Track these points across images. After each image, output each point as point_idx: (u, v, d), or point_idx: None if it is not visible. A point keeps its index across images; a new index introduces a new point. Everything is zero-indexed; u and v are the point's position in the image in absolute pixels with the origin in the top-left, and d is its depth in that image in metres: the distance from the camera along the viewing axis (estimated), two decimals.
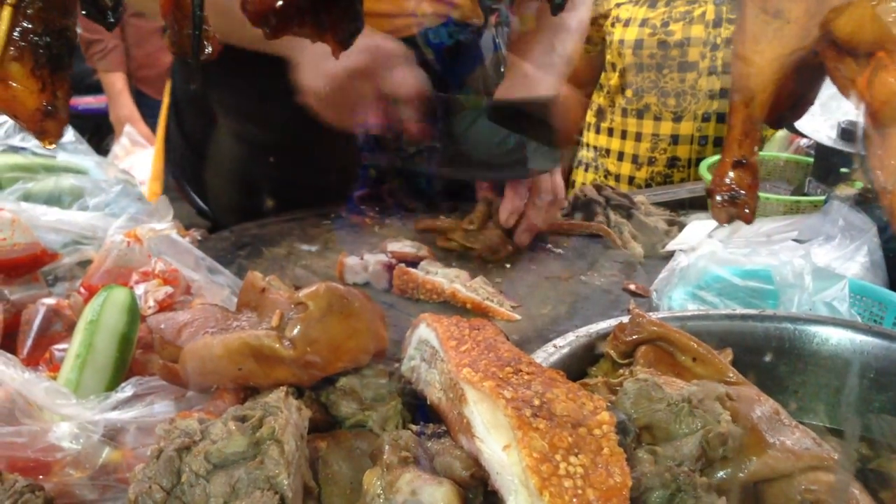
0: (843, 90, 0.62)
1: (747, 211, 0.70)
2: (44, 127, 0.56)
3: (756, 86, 0.63)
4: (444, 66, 1.68)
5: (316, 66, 1.40)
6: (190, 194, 1.93)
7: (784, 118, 0.74)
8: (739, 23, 0.63)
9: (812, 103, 0.74)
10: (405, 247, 1.35)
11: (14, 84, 0.54)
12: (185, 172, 1.91)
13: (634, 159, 2.53)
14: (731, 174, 0.68)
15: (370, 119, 1.45)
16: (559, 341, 1.00)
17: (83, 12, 0.54)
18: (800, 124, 1.63)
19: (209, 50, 0.60)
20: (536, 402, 0.72)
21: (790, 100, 0.71)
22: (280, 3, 0.53)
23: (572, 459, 0.67)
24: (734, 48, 0.65)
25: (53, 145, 0.58)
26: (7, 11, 0.51)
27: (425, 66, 1.62)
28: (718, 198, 0.69)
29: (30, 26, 0.53)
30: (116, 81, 4.36)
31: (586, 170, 2.69)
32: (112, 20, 0.54)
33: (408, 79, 1.44)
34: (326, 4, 0.55)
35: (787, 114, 0.73)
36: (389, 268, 1.32)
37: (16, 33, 0.52)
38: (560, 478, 0.65)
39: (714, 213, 0.71)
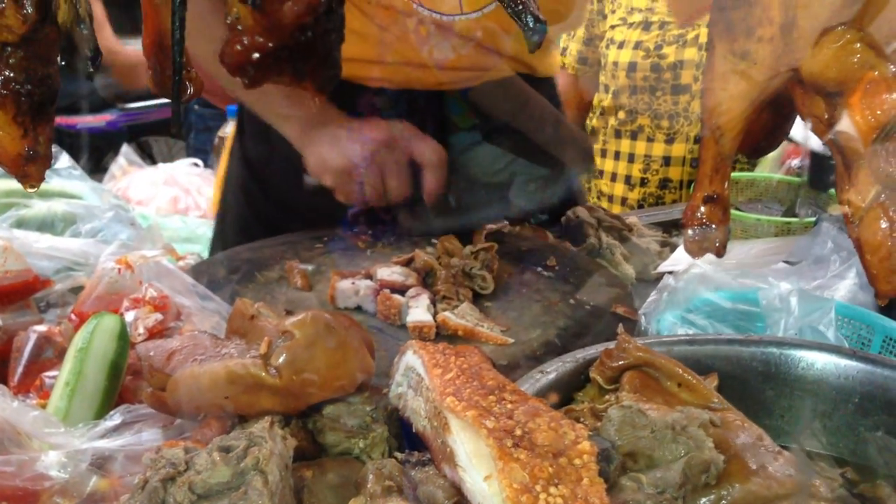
0: (813, 127, 0.63)
1: (718, 244, 0.71)
2: (26, 171, 0.57)
3: (725, 124, 0.64)
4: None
5: (325, 155, 1.52)
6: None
7: (760, 149, 0.75)
8: (709, 63, 0.64)
9: (787, 133, 0.75)
10: (393, 274, 1.36)
11: None
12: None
13: (627, 180, 2.55)
14: (703, 209, 0.69)
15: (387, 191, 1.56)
16: (546, 367, 1.01)
17: (62, 63, 0.56)
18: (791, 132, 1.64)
19: (191, 91, 0.61)
20: (518, 432, 0.72)
21: (765, 131, 0.72)
22: (256, 55, 0.54)
23: (552, 490, 0.67)
24: (704, 87, 0.66)
25: (35, 188, 0.59)
26: None
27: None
28: (690, 232, 0.70)
29: (12, 75, 0.54)
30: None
31: None
32: (91, 69, 0.55)
33: (430, 147, 1.55)
34: (304, 54, 0.57)
35: (762, 145, 0.74)
36: (379, 293, 1.33)
37: None
38: None
39: (686, 246, 0.72)
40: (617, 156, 2.56)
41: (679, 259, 1.64)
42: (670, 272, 1.42)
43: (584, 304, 1.37)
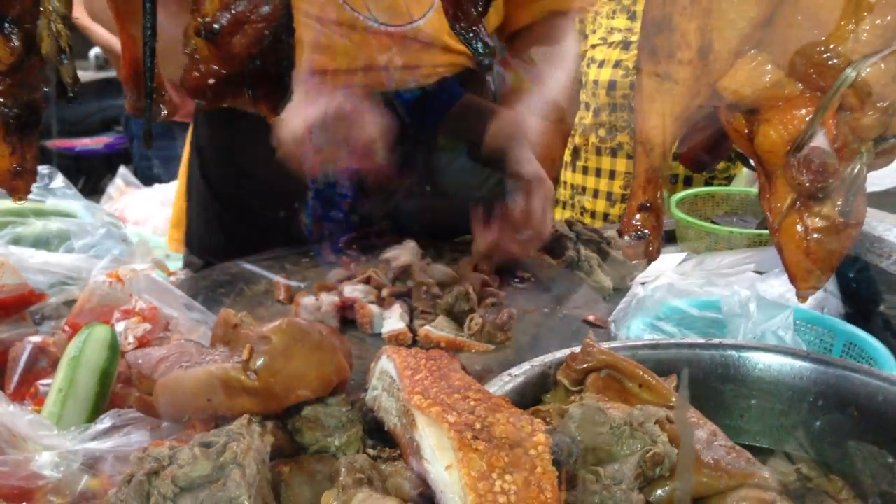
0: (736, 141, 0.69)
1: (651, 249, 0.77)
2: (14, 185, 0.64)
3: (653, 139, 0.70)
4: (415, 116, 1.76)
5: (289, 120, 1.48)
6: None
7: (703, 161, 0.81)
8: (638, 83, 0.70)
9: (730, 148, 0.81)
10: (355, 291, 1.43)
11: None
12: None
13: (609, 196, 2.61)
14: (638, 216, 0.74)
15: (347, 164, 1.54)
16: (515, 370, 1.06)
17: (46, 89, 0.62)
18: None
19: (165, 112, 0.68)
20: (478, 426, 0.78)
21: (706, 145, 0.78)
22: (212, 80, 0.60)
23: (507, 478, 0.73)
24: (634, 105, 0.72)
25: (24, 200, 0.66)
26: None
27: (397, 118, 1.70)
28: (626, 238, 0.76)
29: (1, 101, 0.61)
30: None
31: (563, 207, 2.77)
32: (72, 94, 0.62)
33: (374, 121, 1.53)
34: (258, 78, 0.63)
35: (705, 157, 0.80)
36: (340, 308, 1.39)
37: None
38: (495, 494, 0.71)
39: (624, 252, 0.78)
40: (598, 172, 2.63)
41: (655, 271, 1.69)
42: (640, 283, 1.47)
43: (558, 312, 1.43)
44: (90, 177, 5.82)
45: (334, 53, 1.64)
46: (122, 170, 4.36)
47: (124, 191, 4.27)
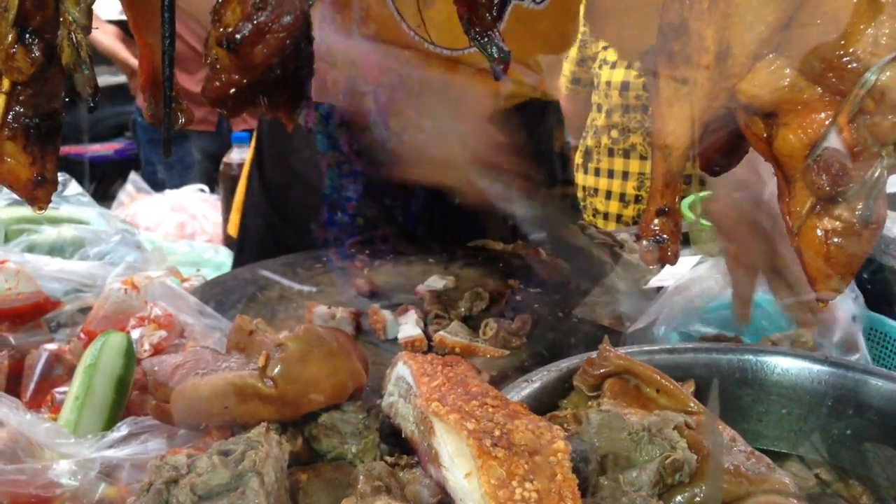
0: (754, 145, 0.69)
1: (670, 254, 0.76)
2: (35, 194, 0.64)
3: (672, 143, 0.70)
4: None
5: None
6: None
7: (719, 165, 0.80)
8: (655, 88, 0.70)
9: (746, 151, 0.80)
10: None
11: (9, 159, 0.63)
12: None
13: (622, 198, 2.60)
14: (656, 221, 0.74)
15: None
16: (531, 376, 1.05)
17: (66, 99, 0.63)
18: None
19: (182, 121, 0.68)
20: (497, 433, 0.77)
21: (722, 149, 0.78)
22: (233, 90, 0.60)
23: (527, 485, 0.72)
24: (651, 110, 0.72)
25: (43, 210, 0.66)
26: (1, 99, 0.60)
27: None
28: (644, 243, 0.76)
29: (22, 110, 0.61)
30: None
31: (575, 210, 2.77)
32: (92, 104, 0.62)
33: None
34: (277, 88, 0.63)
35: (721, 161, 0.80)
36: (355, 315, 1.39)
37: (10, 117, 0.61)
38: (515, 502, 0.71)
39: (641, 256, 0.78)
40: (611, 174, 2.62)
41: (669, 273, 1.69)
42: (660, 287, 1.46)
43: (572, 317, 1.43)
44: (101, 183, 5.83)
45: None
46: (133, 175, 4.36)
47: (135, 197, 4.27)
